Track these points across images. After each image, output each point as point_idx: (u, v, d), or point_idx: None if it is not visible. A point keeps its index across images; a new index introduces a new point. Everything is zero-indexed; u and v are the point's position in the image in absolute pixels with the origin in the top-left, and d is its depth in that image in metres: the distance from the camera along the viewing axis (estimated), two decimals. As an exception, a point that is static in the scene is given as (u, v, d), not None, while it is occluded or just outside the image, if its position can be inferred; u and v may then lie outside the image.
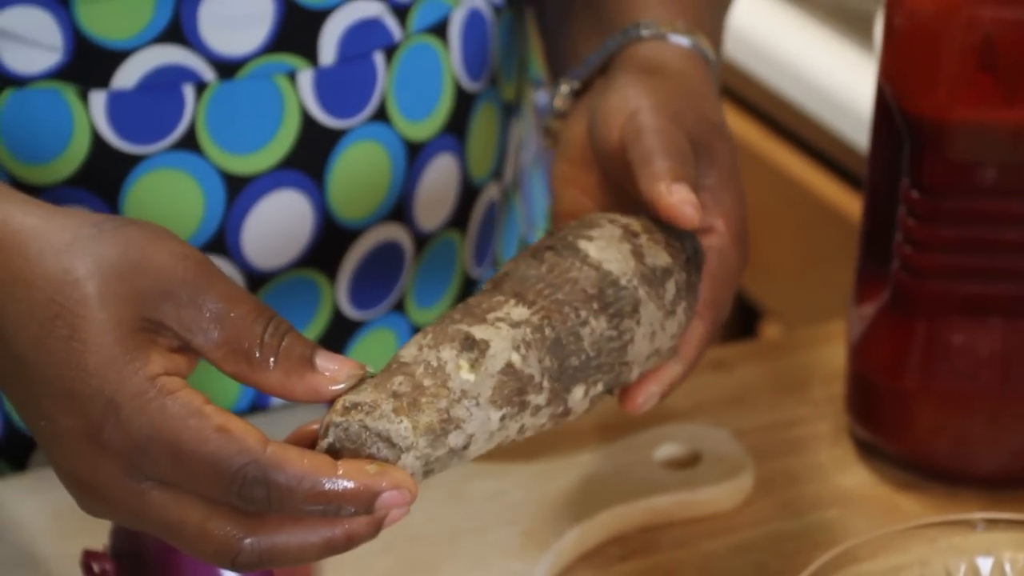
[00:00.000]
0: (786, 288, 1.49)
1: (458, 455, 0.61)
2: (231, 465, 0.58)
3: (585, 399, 0.65)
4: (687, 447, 0.84)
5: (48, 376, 0.59)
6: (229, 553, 0.59)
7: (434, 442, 0.60)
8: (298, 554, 0.60)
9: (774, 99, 1.46)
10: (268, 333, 0.60)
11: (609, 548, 0.79)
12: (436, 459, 0.60)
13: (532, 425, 0.64)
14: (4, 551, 0.77)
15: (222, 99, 0.77)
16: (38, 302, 0.59)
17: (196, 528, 0.59)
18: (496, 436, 0.63)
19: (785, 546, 0.80)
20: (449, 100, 0.83)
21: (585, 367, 0.65)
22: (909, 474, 0.84)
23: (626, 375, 0.67)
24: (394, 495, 0.59)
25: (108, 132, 0.76)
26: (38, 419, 0.60)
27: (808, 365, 0.92)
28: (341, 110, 0.79)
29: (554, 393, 0.64)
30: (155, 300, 0.59)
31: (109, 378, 0.58)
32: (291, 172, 0.79)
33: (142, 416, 0.58)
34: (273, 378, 0.60)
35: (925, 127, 0.79)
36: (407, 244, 0.84)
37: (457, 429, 0.61)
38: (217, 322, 0.60)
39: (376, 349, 0.85)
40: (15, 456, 0.82)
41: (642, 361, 0.67)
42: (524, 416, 0.63)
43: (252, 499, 0.58)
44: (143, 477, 0.59)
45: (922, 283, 0.81)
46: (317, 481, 0.58)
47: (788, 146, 1.46)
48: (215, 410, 0.59)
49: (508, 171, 0.90)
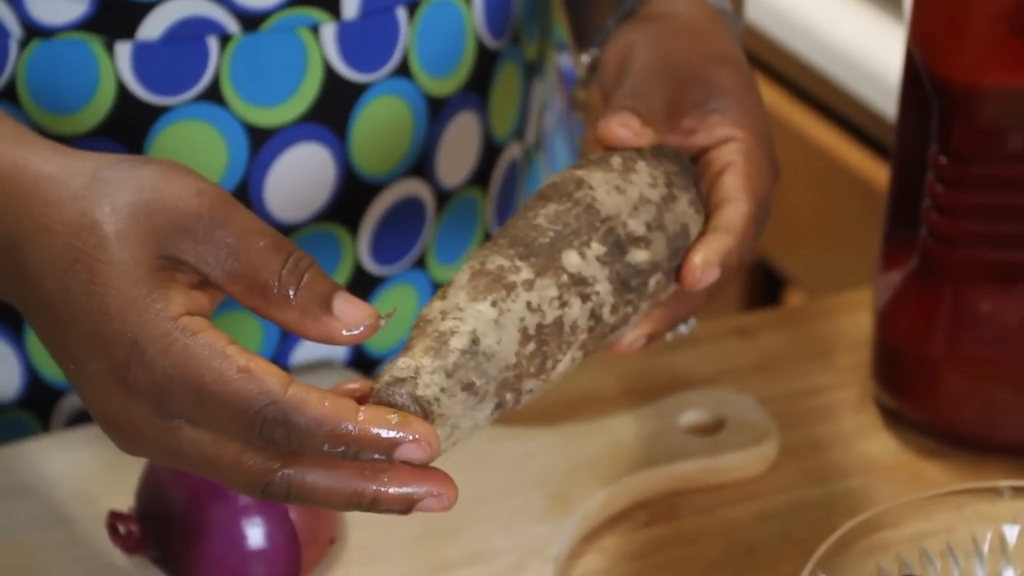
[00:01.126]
0: (810, 256, 1.48)
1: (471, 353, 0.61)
2: (252, 405, 0.58)
3: (588, 261, 0.65)
4: (712, 413, 0.84)
5: (74, 320, 0.59)
6: (260, 483, 0.60)
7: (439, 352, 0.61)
8: (324, 496, 0.60)
9: (800, 66, 1.46)
10: (287, 269, 0.60)
11: (634, 513, 0.79)
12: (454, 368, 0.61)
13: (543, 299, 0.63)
14: (30, 511, 0.77)
15: (246, 51, 0.77)
16: (59, 248, 0.60)
17: (231, 461, 0.60)
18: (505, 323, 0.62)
19: (809, 513, 0.80)
20: (471, 57, 0.83)
21: (560, 238, 0.65)
22: (935, 442, 0.84)
23: (621, 230, 0.66)
24: (413, 447, 0.59)
25: (133, 83, 0.76)
26: (69, 362, 0.61)
27: (833, 332, 0.92)
28: (364, 64, 0.80)
29: (539, 266, 0.64)
30: (172, 236, 0.60)
31: (131, 320, 0.59)
32: (314, 125, 0.79)
33: (165, 357, 0.59)
34: (288, 315, 0.60)
35: (954, 92, 0.79)
36: (429, 200, 0.84)
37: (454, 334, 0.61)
38: (234, 256, 0.60)
39: (397, 304, 0.85)
40: (39, 408, 0.83)
41: (630, 211, 0.67)
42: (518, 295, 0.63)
43: (272, 440, 0.58)
44: (171, 416, 0.59)
45: (950, 250, 0.81)
46: (337, 424, 0.58)
47: (814, 114, 1.46)
48: (238, 350, 0.59)
49: (530, 131, 0.90)
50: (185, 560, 0.73)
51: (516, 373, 0.62)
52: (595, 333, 0.65)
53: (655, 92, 0.72)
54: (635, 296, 0.67)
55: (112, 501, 0.76)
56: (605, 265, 0.65)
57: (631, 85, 0.72)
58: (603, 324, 0.65)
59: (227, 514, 0.72)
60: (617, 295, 0.66)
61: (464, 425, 0.61)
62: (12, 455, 0.80)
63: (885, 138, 1.36)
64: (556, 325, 0.64)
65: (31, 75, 0.76)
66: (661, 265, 0.68)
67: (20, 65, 0.76)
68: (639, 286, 0.67)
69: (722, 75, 0.73)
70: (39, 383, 0.82)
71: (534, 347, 0.63)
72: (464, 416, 0.61)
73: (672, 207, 0.69)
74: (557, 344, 0.64)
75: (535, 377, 0.63)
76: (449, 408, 0.61)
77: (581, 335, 0.65)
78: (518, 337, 0.62)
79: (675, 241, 0.68)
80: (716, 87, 0.72)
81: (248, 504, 0.72)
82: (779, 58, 1.48)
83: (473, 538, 0.76)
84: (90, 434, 0.81)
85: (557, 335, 0.64)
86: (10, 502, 0.77)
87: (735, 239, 0.69)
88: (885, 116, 1.35)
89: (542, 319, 0.63)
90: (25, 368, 0.82)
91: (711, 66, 0.73)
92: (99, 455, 0.80)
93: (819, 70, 1.43)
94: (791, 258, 1.50)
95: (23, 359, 0.81)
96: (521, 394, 0.63)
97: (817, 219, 1.46)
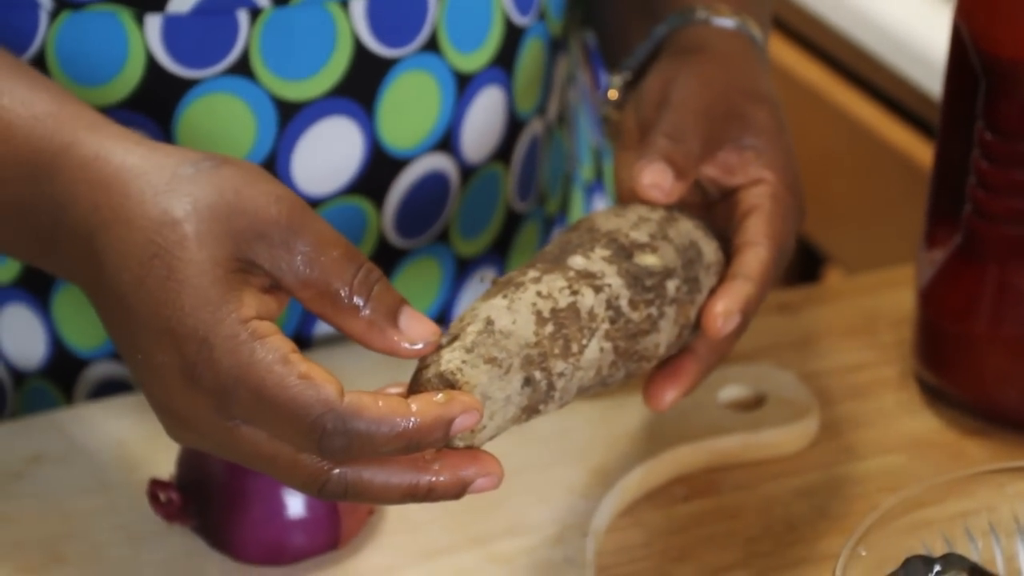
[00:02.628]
0: (850, 234, 1.48)
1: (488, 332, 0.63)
2: (310, 413, 0.59)
3: (594, 261, 0.67)
4: (752, 389, 0.84)
5: (146, 314, 0.60)
6: (317, 482, 0.61)
7: None
8: (381, 492, 0.61)
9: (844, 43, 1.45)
10: (358, 279, 0.62)
11: (673, 488, 0.79)
12: None
13: (553, 288, 0.65)
14: (72, 477, 0.77)
15: (276, 25, 0.77)
16: (138, 242, 0.60)
17: (288, 460, 0.61)
18: (518, 308, 0.64)
19: (849, 490, 0.80)
20: (499, 33, 0.83)
21: (564, 250, 0.67)
22: (976, 420, 0.84)
23: (624, 239, 0.68)
24: (464, 419, 0.61)
25: (163, 56, 0.76)
26: (135, 353, 0.62)
27: (874, 309, 0.91)
28: (392, 39, 0.80)
29: (545, 269, 0.66)
30: (249, 240, 0.61)
31: (204, 319, 0.60)
32: (342, 100, 0.80)
33: (232, 358, 0.60)
34: (356, 325, 0.62)
35: (1002, 68, 0.78)
36: (453, 175, 0.84)
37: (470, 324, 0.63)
38: (308, 263, 0.61)
39: (420, 278, 0.86)
40: (62, 378, 0.83)
41: (630, 227, 0.69)
42: (527, 287, 0.64)
43: (332, 449, 0.60)
44: (231, 416, 0.60)
45: (994, 227, 0.81)
46: (395, 423, 0.59)
47: (856, 91, 1.45)
48: (300, 358, 0.60)
49: (552, 107, 0.90)
50: (225, 529, 0.73)
51: (540, 351, 0.64)
52: (620, 326, 0.67)
53: (693, 126, 0.73)
54: (655, 296, 0.68)
55: (153, 469, 0.77)
56: (612, 263, 0.67)
57: (670, 120, 0.74)
58: (626, 318, 0.67)
59: (267, 483, 0.72)
60: (633, 291, 0.67)
61: (496, 396, 0.62)
62: (54, 421, 0.80)
63: (928, 116, 1.35)
64: (571, 310, 0.65)
65: (60, 46, 0.76)
66: (676, 272, 0.69)
67: (50, 36, 0.76)
68: (656, 287, 0.68)
69: (759, 114, 0.74)
70: (64, 352, 0.83)
71: (552, 328, 0.64)
72: (492, 386, 0.62)
73: (674, 225, 0.71)
74: (577, 328, 0.65)
75: (562, 359, 0.64)
76: (473, 376, 0.62)
77: (603, 324, 0.66)
78: (533, 319, 0.64)
79: (686, 253, 0.70)
80: (753, 125, 0.74)
81: (288, 473, 0.72)
82: (823, 35, 1.47)
83: (512, 510, 0.76)
84: (132, 402, 0.81)
85: (575, 319, 0.65)
86: (52, 468, 0.78)
87: (754, 287, 0.70)
88: (929, 94, 1.34)
89: (555, 304, 0.65)
90: (50, 336, 0.82)
91: (749, 103, 0.75)
92: (141, 423, 0.80)
93: (863, 47, 1.42)
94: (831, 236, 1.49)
95: (49, 328, 0.82)
96: (552, 375, 0.64)
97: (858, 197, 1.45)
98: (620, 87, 0.80)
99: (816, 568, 0.75)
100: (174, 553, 0.74)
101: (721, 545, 0.76)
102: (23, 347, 0.83)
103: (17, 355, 0.83)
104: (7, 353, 0.83)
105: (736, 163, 0.73)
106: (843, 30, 1.44)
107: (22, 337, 0.82)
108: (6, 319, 0.82)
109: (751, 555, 0.76)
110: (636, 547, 0.76)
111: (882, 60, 1.40)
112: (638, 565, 0.75)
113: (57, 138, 0.63)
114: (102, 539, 0.74)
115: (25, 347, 0.83)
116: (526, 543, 0.75)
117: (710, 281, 0.71)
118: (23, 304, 0.81)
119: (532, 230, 0.91)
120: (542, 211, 0.92)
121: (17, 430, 0.80)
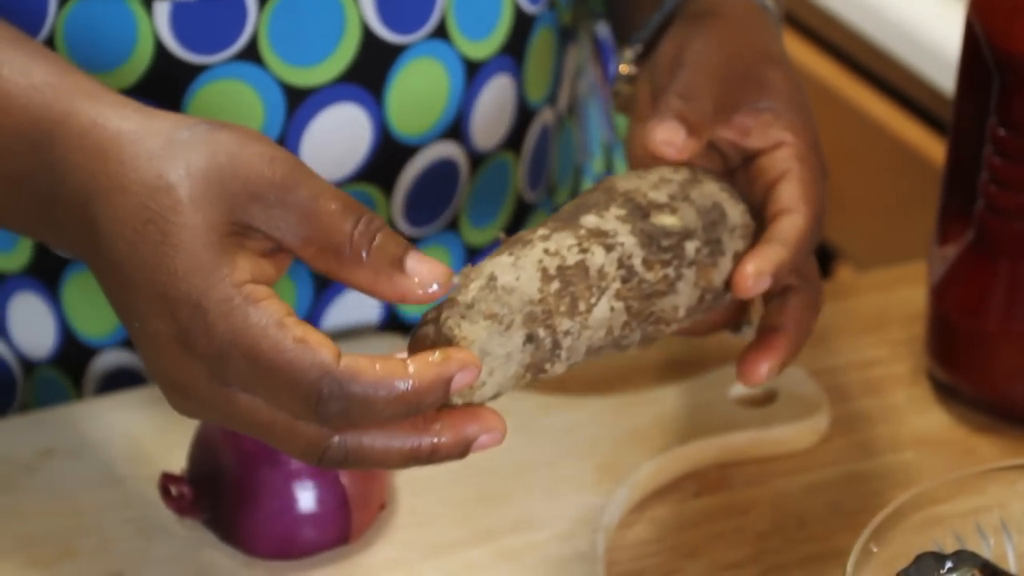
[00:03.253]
0: (861, 230, 1.47)
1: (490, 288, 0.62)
2: (306, 377, 0.59)
3: (607, 220, 0.66)
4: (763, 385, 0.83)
5: (141, 280, 0.60)
6: (317, 451, 0.60)
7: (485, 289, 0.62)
8: (382, 457, 0.61)
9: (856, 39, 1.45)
10: (359, 230, 0.61)
11: (683, 484, 0.79)
12: None
13: (561, 245, 0.64)
14: (84, 471, 0.77)
15: (284, 10, 0.77)
16: (132, 207, 0.60)
17: (285, 428, 0.60)
18: (523, 265, 0.63)
19: (861, 486, 0.79)
20: (508, 21, 0.83)
21: (579, 208, 0.66)
22: (988, 417, 0.84)
23: (641, 199, 0.67)
24: (462, 376, 0.60)
25: (171, 41, 0.76)
26: (133, 320, 0.61)
27: (886, 306, 0.91)
28: (401, 25, 0.80)
29: (556, 227, 0.65)
30: (244, 202, 0.60)
31: (197, 283, 0.59)
32: (351, 86, 0.80)
33: (225, 322, 0.59)
34: (362, 276, 0.61)
35: (1015, 63, 0.78)
36: (462, 163, 0.84)
37: (472, 281, 0.62)
38: (306, 220, 0.61)
39: None
40: (71, 367, 0.83)
41: (650, 187, 0.68)
42: (535, 245, 0.64)
43: (329, 415, 0.59)
44: (227, 381, 0.60)
45: (1007, 223, 0.80)
46: (392, 386, 0.59)
47: (868, 87, 1.45)
48: (296, 322, 0.59)
49: (563, 96, 0.90)
50: (236, 523, 0.73)
51: (544, 308, 0.63)
52: (633, 286, 0.65)
53: (707, 87, 0.72)
54: (672, 257, 0.67)
55: (165, 463, 0.77)
56: (625, 223, 0.66)
57: (683, 81, 0.73)
58: (640, 278, 0.65)
59: (278, 478, 0.72)
60: (647, 250, 0.66)
61: (496, 351, 0.61)
62: (66, 415, 0.81)
63: (940, 112, 1.35)
64: (579, 267, 0.64)
65: (69, 32, 0.76)
66: (696, 233, 0.68)
67: (58, 22, 0.76)
68: (673, 247, 0.67)
69: (774, 75, 0.73)
70: (73, 340, 0.83)
71: (559, 286, 0.63)
72: (491, 341, 0.61)
73: (698, 187, 0.69)
74: (586, 286, 0.64)
75: (568, 317, 0.63)
76: (472, 332, 0.61)
77: (614, 283, 0.65)
78: (538, 276, 0.63)
79: (708, 214, 0.69)
80: (768, 86, 0.73)
81: (300, 468, 0.72)
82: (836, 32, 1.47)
83: (522, 505, 0.76)
84: (144, 396, 0.81)
85: (583, 277, 0.64)
86: (64, 462, 0.78)
87: (790, 252, 0.69)
88: (941, 89, 1.34)
89: (562, 262, 0.64)
90: (60, 325, 0.82)
91: (763, 65, 0.74)
92: (152, 417, 0.80)
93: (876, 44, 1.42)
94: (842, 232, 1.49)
95: (58, 316, 0.82)
96: (556, 332, 0.63)
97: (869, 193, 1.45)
98: (632, 60, 0.79)
99: (827, 564, 0.75)
100: (185, 547, 0.74)
101: (732, 541, 0.76)
102: (33, 336, 0.83)
103: (27, 344, 0.83)
104: (17, 342, 0.83)
105: (753, 125, 0.72)
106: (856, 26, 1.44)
107: (32, 326, 0.82)
108: (16, 308, 0.82)
109: (762, 551, 0.76)
110: (647, 543, 0.76)
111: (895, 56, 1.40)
112: (648, 561, 0.75)
113: (56, 107, 0.63)
114: (113, 533, 0.75)
115: (35, 336, 0.83)
116: (536, 538, 0.75)
117: (735, 245, 0.69)
118: (32, 292, 0.82)
119: (542, 220, 0.91)
120: (551, 202, 0.92)
121: (29, 424, 0.80)
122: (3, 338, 0.83)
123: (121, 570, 0.73)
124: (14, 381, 0.84)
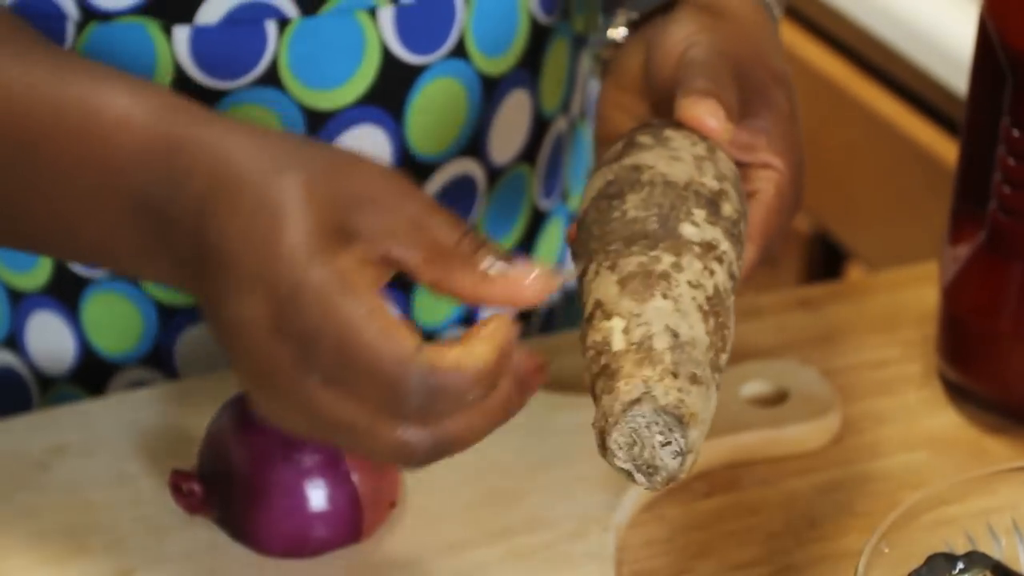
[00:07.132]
0: (873, 231, 1.47)
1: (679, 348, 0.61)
2: (391, 367, 0.60)
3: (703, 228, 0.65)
4: (774, 385, 0.84)
5: (241, 260, 0.61)
6: (404, 452, 0.61)
7: None
8: (469, 438, 0.62)
9: (867, 39, 1.44)
10: (467, 239, 0.62)
11: (694, 484, 0.79)
12: None
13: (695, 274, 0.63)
14: (95, 469, 0.78)
15: (304, 35, 0.77)
16: (248, 196, 0.61)
17: (366, 428, 0.61)
18: (685, 309, 0.62)
19: (872, 487, 0.79)
20: (524, 35, 0.83)
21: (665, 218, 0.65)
22: (999, 417, 0.83)
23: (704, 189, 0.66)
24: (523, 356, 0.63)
25: (191, 67, 0.76)
26: (224, 307, 0.61)
27: (898, 306, 0.91)
28: (421, 46, 0.80)
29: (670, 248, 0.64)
30: (359, 204, 0.61)
31: (299, 263, 0.60)
32: (371, 108, 0.80)
33: (318, 306, 0.60)
34: (468, 282, 0.62)
35: (1029, 65, 0.78)
36: (480, 178, 0.84)
37: (651, 338, 0.62)
38: (417, 228, 0.62)
39: None
40: (90, 383, 0.83)
41: (696, 172, 0.67)
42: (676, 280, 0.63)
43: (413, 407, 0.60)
44: (311, 369, 0.60)
45: (1020, 224, 0.80)
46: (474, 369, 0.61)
47: (880, 86, 1.44)
48: (386, 314, 0.60)
49: (576, 103, 0.90)
50: (246, 521, 0.73)
51: (714, 351, 0.62)
52: (732, 292, 0.65)
53: (731, 88, 0.72)
54: (741, 247, 0.67)
55: (176, 461, 0.77)
56: (715, 226, 0.65)
57: (707, 72, 0.72)
58: (735, 281, 0.66)
59: (289, 476, 0.72)
60: (734, 250, 0.66)
61: (709, 420, 0.61)
62: (78, 413, 0.81)
63: (952, 112, 1.35)
64: (716, 295, 0.64)
65: (88, 57, 0.76)
66: (742, 211, 0.68)
67: (77, 48, 0.75)
68: (739, 234, 0.67)
69: (779, 96, 0.73)
70: (93, 357, 0.83)
71: (713, 322, 0.63)
72: (705, 410, 0.61)
73: (720, 157, 0.69)
74: (724, 311, 0.64)
75: (724, 351, 0.63)
76: (694, 405, 0.60)
77: (729, 298, 0.65)
78: (700, 317, 0.62)
79: (738, 184, 0.69)
80: (772, 106, 0.73)
81: (310, 466, 0.72)
82: (848, 31, 1.47)
83: (533, 505, 0.76)
84: (155, 394, 0.81)
85: (720, 303, 0.64)
86: (75, 460, 0.78)
87: None
88: (953, 90, 1.34)
89: (706, 293, 0.63)
90: (79, 342, 0.82)
91: (772, 83, 0.74)
92: (164, 415, 0.80)
93: (888, 43, 1.42)
94: (854, 232, 1.49)
95: (78, 333, 0.82)
96: (720, 371, 0.63)
97: (881, 193, 1.45)
98: (625, 25, 0.78)
99: (838, 565, 0.75)
100: (196, 545, 0.74)
101: (742, 541, 0.76)
102: (50, 352, 0.83)
103: (44, 361, 0.83)
104: (34, 358, 0.83)
105: (747, 142, 0.72)
106: (868, 26, 1.44)
107: (50, 344, 0.82)
108: (33, 325, 0.82)
109: (772, 551, 0.76)
110: (657, 542, 0.76)
111: (907, 56, 1.39)
112: (659, 560, 0.75)
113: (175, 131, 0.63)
114: (125, 530, 0.75)
115: (52, 352, 0.83)
116: (547, 537, 0.75)
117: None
118: (50, 311, 0.82)
119: (556, 226, 0.91)
120: (565, 207, 0.92)
121: (40, 422, 0.80)
122: (20, 354, 0.83)
123: (132, 567, 0.73)
124: (30, 398, 0.84)
